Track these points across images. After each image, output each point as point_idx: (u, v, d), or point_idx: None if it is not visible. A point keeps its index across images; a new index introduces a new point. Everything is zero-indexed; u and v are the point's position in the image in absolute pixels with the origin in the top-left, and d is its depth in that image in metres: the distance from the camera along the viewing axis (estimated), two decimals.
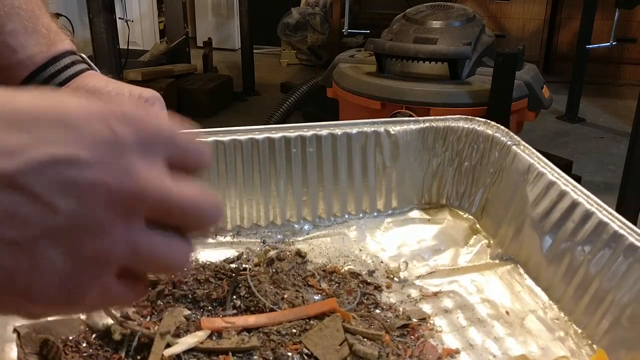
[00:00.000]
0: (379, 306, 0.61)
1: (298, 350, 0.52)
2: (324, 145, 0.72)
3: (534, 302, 0.62)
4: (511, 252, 0.68)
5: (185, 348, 0.51)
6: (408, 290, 0.64)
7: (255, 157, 0.70)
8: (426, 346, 0.55)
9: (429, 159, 0.76)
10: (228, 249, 0.67)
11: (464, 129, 0.75)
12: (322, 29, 4.09)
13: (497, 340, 0.57)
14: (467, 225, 0.74)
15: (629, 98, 3.49)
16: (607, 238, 0.56)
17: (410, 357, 0.53)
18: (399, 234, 0.73)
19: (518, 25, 3.87)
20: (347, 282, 0.63)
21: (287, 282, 0.61)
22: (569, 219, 0.61)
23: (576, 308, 0.59)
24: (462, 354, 0.55)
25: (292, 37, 4.15)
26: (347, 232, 0.73)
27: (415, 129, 0.74)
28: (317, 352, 0.52)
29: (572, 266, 0.60)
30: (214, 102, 3.25)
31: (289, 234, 0.72)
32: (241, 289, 0.59)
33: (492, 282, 0.65)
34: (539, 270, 0.64)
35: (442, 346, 0.56)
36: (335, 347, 0.52)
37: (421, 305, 0.62)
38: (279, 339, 0.53)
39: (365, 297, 0.61)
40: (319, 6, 4.16)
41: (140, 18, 3.86)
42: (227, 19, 4.69)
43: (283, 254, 0.66)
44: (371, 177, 0.74)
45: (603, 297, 0.56)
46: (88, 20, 2.15)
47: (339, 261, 0.68)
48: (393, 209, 0.76)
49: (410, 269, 0.67)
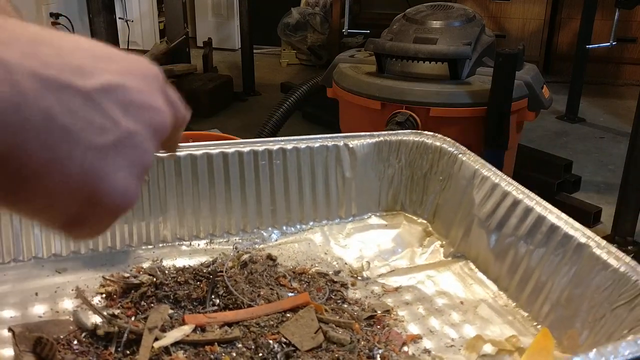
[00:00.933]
0: (347, 301, 0.66)
1: (277, 340, 0.56)
2: (289, 158, 0.78)
3: (485, 292, 0.69)
4: (462, 250, 0.75)
5: (173, 341, 0.55)
6: (371, 287, 0.70)
7: (226, 170, 0.75)
8: (392, 333, 0.61)
9: (384, 169, 0.83)
10: (202, 256, 0.72)
11: (414, 141, 0.82)
12: (322, 29, 4.09)
13: (454, 326, 0.64)
14: (421, 228, 0.81)
15: (629, 98, 3.49)
16: (545, 230, 0.64)
17: (378, 343, 0.59)
18: (360, 239, 0.79)
19: (518, 25, 3.87)
20: (316, 281, 0.68)
21: (262, 281, 0.66)
22: (512, 216, 0.68)
23: (521, 295, 0.66)
24: (424, 339, 0.61)
25: (292, 37, 4.15)
26: (313, 237, 0.78)
27: (371, 143, 0.81)
28: (294, 340, 0.56)
29: (516, 258, 0.67)
30: (214, 102, 3.25)
31: (259, 241, 0.77)
32: (219, 288, 0.63)
33: (447, 277, 0.72)
34: (488, 264, 0.71)
35: (406, 333, 0.62)
36: (311, 334, 0.57)
37: (384, 299, 0.67)
38: (258, 330, 0.57)
39: (333, 294, 0.67)
40: (319, 6, 4.16)
41: (140, 18, 3.86)
42: (227, 19, 4.69)
43: (255, 258, 0.70)
44: (333, 187, 0.80)
45: (544, 283, 0.63)
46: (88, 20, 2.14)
47: (307, 264, 0.73)
48: (353, 215, 0.82)
49: (372, 269, 0.73)
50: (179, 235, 0.74)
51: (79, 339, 0.55)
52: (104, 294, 0.63)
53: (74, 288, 0.63)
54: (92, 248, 0.70)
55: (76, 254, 0.69)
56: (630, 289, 0.53)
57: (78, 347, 0.54)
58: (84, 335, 0.56)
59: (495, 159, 1.51)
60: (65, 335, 0.56)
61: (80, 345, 0.54)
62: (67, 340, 0.55)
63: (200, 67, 3.58)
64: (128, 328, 0.55)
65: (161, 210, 0.73)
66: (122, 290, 0.63)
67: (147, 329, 0.55)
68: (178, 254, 0.72)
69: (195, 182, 0.74)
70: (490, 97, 1.47)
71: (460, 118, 1.52)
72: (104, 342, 0.55)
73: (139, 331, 0.55)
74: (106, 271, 0.67)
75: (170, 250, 0.73)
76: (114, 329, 0.55)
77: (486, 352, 0.59)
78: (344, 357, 0.55)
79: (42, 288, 0.64)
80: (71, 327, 0.57)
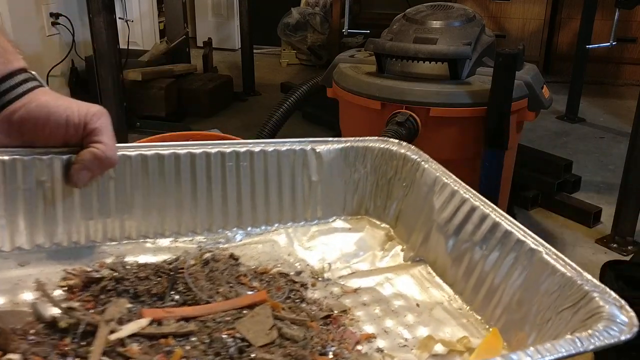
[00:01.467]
0: (305, 301, 0.68)
1: (232, 335, 0.58)
2: (256, 161, 0.79)
3: (441, 295, 0.71)
4: (422, 254, 0.77)
5: (129, 333, 0.56)
6: (331, 288, 0.71)
7: (192, 170, 0.76)
8: (347, 332, 0.63)
9: (350, 174, 0.84)
10: (166, 254, 0.73)
11: (380, 148, 0.84)
12: (322, 29, 4.10)
13: (409, 327, 0.66)
14: (384, 233, 0.83)
15: (629, 98, 3.50)
16: (499, 236, 0.67)
17: (332, 341, 0.60)
18: (324, 241, 0.81)
19: (518, 25, 3.87)
20: (276, 280, 0.70)
21: (222, 279, 0.67)
22: (468, 222, 0.71)
23: (476, 298, 0.68)
24: (378, 338, 0.63)
25: (292, 37, 4.15)
26: (277, 239, 0.80)
27: (338, 148, 0.83)
28: (249, 336, 0.58)
29: (471, 262, 0.69)
30: (214, 102, 3.25)
31: (223, 241, 0.78)
32: (179, 285, 0.65)
33: (405, 280, 0.74)
34: (445, 268, 0.73)
35: (360, 332, 0.63)
36: (266, 331, 0.59)
37: (342, 300, 0.69)
38: (214, 326, 0.59)
39: (292, 293, 0.68)
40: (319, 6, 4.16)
41: (140, 18, 3.86)
42: (227, 19, 4.69)
43: (218, 257, 0.72)
44: (299, 190, 0.82)
45: (496, 287, 0.65)
46: (88, 20, 2.15)
47: (269, 264, 0.74)
48: (318, 218, 0.84)
49: (333, 271, 0.75)
50: (143, 233, 0.75)
51: (36, 329, 0.56)
52: (65, 287, 0.64)
53: (34, 281, 0.63)
54: (56, 242, 0.70)
55: (40, 247, 0.70)
56: (575, 293, 0.56)
57: (34, 337, 0.55)
58: (42, 326, 0.57)
59: (495, 159, 1.51)
60: (22, 326, 0.56)
61: (37, 336, 0.55)
62: (24, 330, 0.56)
63: (200, 67, 3.58)
64: (85, 320, 0.56)
65: (126, 207, 0.73)
66: (83, 284, 0.64)
67: (103, 321, 0.56)
68: (142, 251, 0.73)
69: (161, 181, 0.75)
70: (490, 97, 1.47)
71: (460, 118, 1.52)
72: (60, 334, 0.56)
73: (96, 323, 0.56)
74: (69, 266, 0.68)
75: (134, 247, 0.73)
76: (71, 320, 0.56)
77: (437, 352, 0.61)
78: (297, 352, 0.56)
79: (3, 280, 0.64)
80: (29, 319, 0.57)
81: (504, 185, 1.64)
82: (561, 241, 1.96)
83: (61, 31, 3.17)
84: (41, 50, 3.05)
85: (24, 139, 0.67)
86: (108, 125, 0.68)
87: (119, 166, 0.71)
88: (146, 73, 3.04)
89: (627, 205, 1.90)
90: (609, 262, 1.50)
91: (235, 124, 3.02)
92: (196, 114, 3.15)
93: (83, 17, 3.23)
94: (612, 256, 1.87)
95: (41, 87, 0.68)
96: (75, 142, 0.68)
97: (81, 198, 0.71)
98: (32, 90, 0.66)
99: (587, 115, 3.22)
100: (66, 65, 3.23)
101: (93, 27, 2.14)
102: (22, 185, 0.68)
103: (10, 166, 0.67)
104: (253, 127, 2.85)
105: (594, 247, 1.93)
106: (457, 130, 1.54)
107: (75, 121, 0.66)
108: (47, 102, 0.66)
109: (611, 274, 1.45)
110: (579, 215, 2.07)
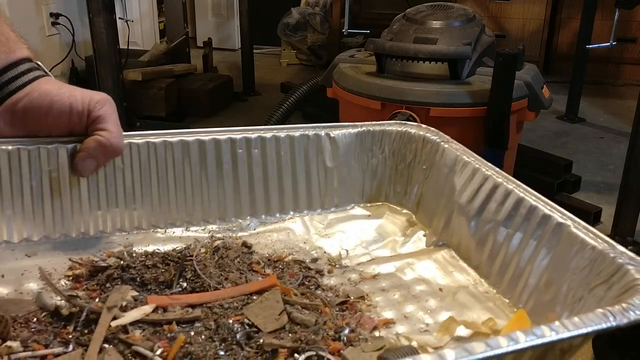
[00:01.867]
0: (320, 287, 0.65)
1: (240, 321, 0.55)
2: (268, 147, 0.77)
3: (466, 279, 0.67)
4: (445, 238, 0.73)
5: (131, 320, 0.54)
6: (349, 275, 0.68)
7: (202, 157, 0.74)
8: (363, 318, 0.59)
9: (367, 160, 0.82)
10: (177, 243, 0.71)
11: (397, 131, 0.81)
12: (322, 29, 4.09)
13: (431, 311, 0.62)
14: (405, 219, 0.80)
15: (629, 98, 3.49)
16: (524, 213, 0.63)
17: (347, 325, 0.57)
18: (342, 229, 0.78)
19: (518, 25, 3.87)
20: (291, 267, 0.67)
21: (232, 266, 0.65)
22: (491, 200, 0.67)
23: (502, 281, 0.64)
24: (397, 324, 0.60)
25: (292, 37, 4.15)
26: (293, 227, 0.77)
27: (353, 133, 0.80)
28: (257, 322, 0.55)
29: (496, 244, 0.66)
30: (214, 102, 3.25)
31: (237, 229, 0.75)
32: (187, 272, 0.63)
33: (427, 265, 0.70)
34: (469, 251, 0.70)
35: (379, 318, 0.60)
36: (275, 316, 0.56)
37: (360, 287, 0.66)
38: (221, 312, 0.57)
39: (307, 280, 0.65)
40: (319, 6, 4.16)
41: (140, 18, 3.87)
42: (227, 19, 4.69)
43: (229, 244, 0.70)
44: (314, 177, 0.79)
45: (523, 268, 0.62)
46: (88, 20, 2.15)
47: (283, 252, 0.71)
48: (336, 206, 0.81)
49: (351, 258, 0.72)
50: (154, 223, 0.73)
51: (38, 318, 0.55)
52: (70, 276, 0.63)
53: (39, 270, 0.63)
54: (64, 233, 0.69)
55: (48, 238, 0.69)
56: (608, 267, 0.52)
57: (36, 325, 0.54)
58: (44, 315, 0.56)
59: (495, 159, 1.51)
60: (24, 314, 0.55)
61: (39, 324, 0.54)
62: (26, 319, 0.55)
63: (200, 67, 3.58)
64: (88, 307, 0.54)
65: (136, 197, 0.72)
66: (89, 273, 0.62)
67: (105, 307, 0.55)
68: (152, 241, 0.71)
69: (171, 170, 0.73)
70: (490, 97, 1.47)
71: (460, 118, 1.52)
72: (62, 322, 0.55)
73: (100, 311, 0.54)
74: (76, 256, 0.66)
75: (144, 236, 0.72)
76: (74, 309, 0.55)
77: (460, 335, 0.57)
78: (307, 337, 0.54)
79: (10, 270, 0.64)
80: (32, 307, 0.57)
81: None
82: None
83: (61, 31, 3.18)
84: (41, 50, 3.05)
85: (28, 129, 0.66)
86: (113, 113, 0.66)
87: (126, 155, 0.70)
88: (146, 73, 3.04)
89: (627, 205, 1.90)
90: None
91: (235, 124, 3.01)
92: (196, 114, 3.15)
93: (83, 17, 3.23)
94: None
95: (45, 76, 0.67)
96: (79, 130, 0.67)
97: (89, 188, 0.70)
98: (35, 80, 0.65)
99: (587, 115, 3.21)
100: (66, 65, 3.23)
101: (93, 27, 2.14)
102: (28, 175, 0.67)
103: (15, 156, 0.66)
104: None
105: None
106: (457, 130, 1.54)
107: (79, 109, 0.65)
108: (49, 90, 0.64)
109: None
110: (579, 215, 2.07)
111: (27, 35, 0.63)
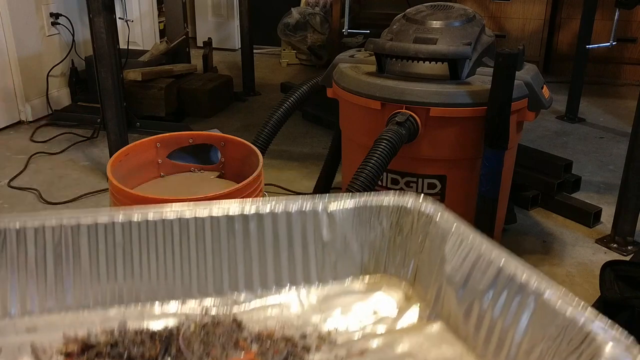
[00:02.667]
0: None
1: None
2: (265, 222, 0.78)
3: (453, 352, 0.70)
4: (437, 310, 0.75)
5: None
6: (336, 351, 0.69)
7: (200, 234, 0.77)
8: None
9: (365, 233, 0.83)
10: (171, 319, 0.73)
11: (394, 206, 0.83)
12: (322, 29, 4.09)
13: None
14: (402, 292, 0.81)
15: (629, 98, 3.49)
16: (503, 281, 0.66)
17: None
18: (337, 304, 0.79)
19: (518, 25, 3.87)
20: (277, 344, 0.69)
21: (217, 342, 0.67)
22: (475, 269, 0.70)
23: (487, 352, 0.67)
24: None
25: (292, 37, 4.14)
26: (288, 301, 0.78)
27: (350, 208, 0.82)
28: None
29: (481, 312, 0.68)
30: (214, 102, 3.25)
31: (231, 304, 0.77)
32: (172, 348, 0.66)
33: (417, 340, 0.72)
34: (458, 322, 0.72)
35: None
36: None
37: None
38: None
39: (291, 356, 0.67)
40: (319, 6, 4.16)
41: (140, 18, 3.86)
42: (227, 19, 4.69)
43: (220, 320, 0.72)
44: (311, 251, 0.81)
45: (504, 337, 0.65)
46: (88, 20, 2.15)
47: (275, 327, 0.73)
48: (333, 279, 0.82)
49: (342, 334, 0.73)
50: (151, 296, 0.76)
51: None
52: (63, 353, 0.66)
53: (32, 346, 0.66)
54: (65, 306, 0.72)
55: (50, 311, 0.72)
56: (577, 335, 0.55)
57: None
58: None
59: (495, 159, 1.51)
60: None
61: None
62: None
63: (200, 67, 3.58)
64: None
65: (134, 271, 0.75)
66: (80, 350, 0.66)
67: None
68: (147, 317, 0.74)
69: (169, 246, 0.76)
70: (490, 97, 1.47)
71: (460, 118, 1.51)
72: None
73: None
74: (73, 331, 0.69)
75: (140, 311, 0.74)
76: None
77: None
78: None
79: (7, 345, 0.66)
80: None
81: (504, 185, 1.64)
82: (561, 241, 1.96)
83: (61, 31, 3.17)
84: (41, 50, 3.05)
85: None
86: None
87: (125, 232, 0.73)
88: (146, 73, 3.04)
89: (627, 205, 1.90)
90: (608, 262, 1.50)
91: (235, 124, 3.02)
92: (196, 114, 3.15)
93: (83, 17, 3.22)
94: (612, 256, 1.86)
95: None
96: None
97: (90, 263, 0.73)
98: None
99: (587, 115, 3.21)
100: (66, 65, 3.23)
101: (93, 27, 2.14)
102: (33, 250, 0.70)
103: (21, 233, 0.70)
104: (253, 127, 2.85)
105: (594, 247, 1.93)
106: (457, 130, 1.54)
107: None
108: None
109: (611, 273, 1.44)
110: (579, 215, 2.07)
111: (27, 35, 0.63)
